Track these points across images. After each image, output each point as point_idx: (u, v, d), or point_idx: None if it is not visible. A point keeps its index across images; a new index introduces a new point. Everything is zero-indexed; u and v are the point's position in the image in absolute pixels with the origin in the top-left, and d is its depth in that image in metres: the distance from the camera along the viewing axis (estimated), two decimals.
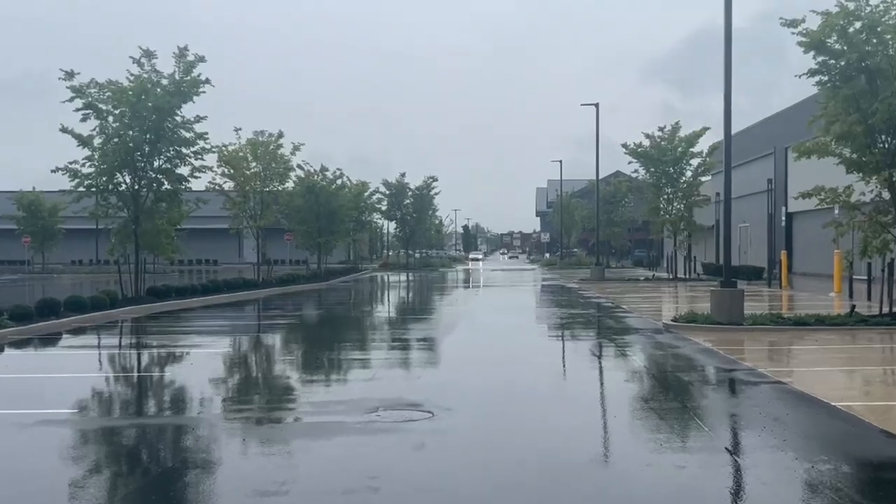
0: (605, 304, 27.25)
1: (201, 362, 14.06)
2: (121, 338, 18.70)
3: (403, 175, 67.41)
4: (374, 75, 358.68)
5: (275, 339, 18.13)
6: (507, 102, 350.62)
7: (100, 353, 16.10)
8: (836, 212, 23.10)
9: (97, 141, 26.25)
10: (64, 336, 18.31)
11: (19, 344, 16.92)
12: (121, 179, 26.66)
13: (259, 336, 19.05)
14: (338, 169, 49.52)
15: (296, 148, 40.12)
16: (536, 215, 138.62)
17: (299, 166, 46.04)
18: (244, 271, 46.44)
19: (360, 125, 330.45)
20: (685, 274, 44.91)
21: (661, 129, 43.38)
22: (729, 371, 12.66)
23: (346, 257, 70.92)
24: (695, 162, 42.96)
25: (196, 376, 12.46)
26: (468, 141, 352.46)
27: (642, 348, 15.53)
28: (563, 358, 15.22)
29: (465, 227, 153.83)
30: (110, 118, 26.33)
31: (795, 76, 18.88)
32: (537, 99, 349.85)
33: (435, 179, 68.29)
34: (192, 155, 27.46)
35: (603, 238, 65.54)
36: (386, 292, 39.39)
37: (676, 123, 43.58)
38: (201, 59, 27.30)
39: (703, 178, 44.29)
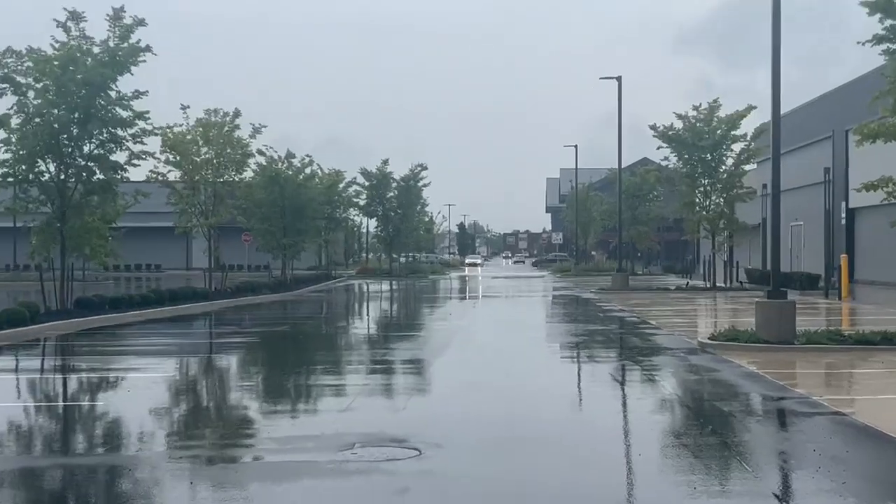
0: (628, 318, 27.50)
1: (141, 389, 14.11)
2: (43, 359, 18.79)
3: (386, 163, 67.76)
4: (353, 46, 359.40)
5: (230, 362, 18.21)
6: (512, 78, 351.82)
7: (17, 379, 16.11)
8: None
9: (15, 121, 26.21)
10: None
11: None
12: (44, 167, 26.67)
13: (211, 357, 19.10)
14: (307, 156, 50.40)
15: (256, 130, 40.71)
16: (547, 211, 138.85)
17: (260, 152, 46.69)
18: (193, 279, 46.67)
19: (337, 105, 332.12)
20: (725, 282, 45.12)
21: (696, 109, 43.65)
22: (777, 399, 12.77)
23: (316, 262, 71.33)
24: (737, 147, 43.42)
25: (135, 406, 12.49)
26: (465, 125, 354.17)
27: (673, 372, 15.67)
28: (578, 384, 15.37)
29: (461, 226, 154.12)
30: (31, 94, 26.31)
31: (857, 44, 18.99)
32: (548, 75, 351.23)
33: (424, 168, 68.63)
34: (130, 138, 27.48)
35: (626, 239, 65.26)
36: (365, 304, 39.61)
37: (715, 101, 43.61)
38: (141, 23, 27.32)
39: (747, 167, 44.52)
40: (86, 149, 26.85)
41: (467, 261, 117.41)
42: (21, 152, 26.07)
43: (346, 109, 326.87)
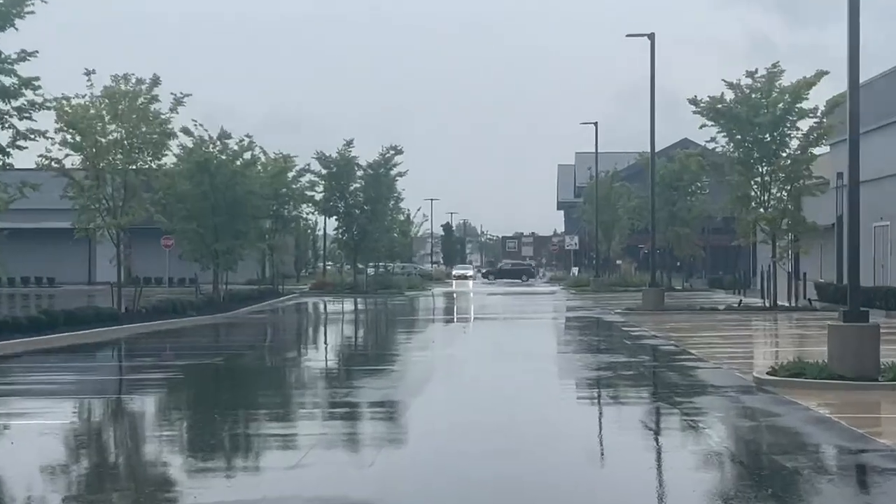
0: (664, 347, 27.70)
1: (29, 441, 14.05)
2: None
3: (349, 144, 67.50)
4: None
5: (146, 404, 18.18)
6: (513, 43, 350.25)
7: None
8: None
9: None
10: None
11: None
12: None
13: (121, 399, 19.04)
14: (246, 136, 50.27)
15: (178, 101, 40.66)
16: (558, 208, 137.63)
17: (185, 130, 46.58)
18: (98, 296, 46.31)
19: (292, 73, 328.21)
20: (789, 300, 45.25)
21: (751, 75, 43.71)
22: (856, 453, 12.84)
23: (258, 274, 71.44)
24: (804, 125, 43.41)
25: (20, 463, 12.41)
26: (453, 99, 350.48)
27: (722, 417, 15.79)
28: (600, 433, 15.50)
29: (447, 227, 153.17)
30: None
31: None
32: (559, 37, 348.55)
33: (398, 152, 68.25)
34: (15, 112, 27.34)
35: (661, 244, 64.20)
36: (322, 329, 39.66)
37: (775, 66, 43.70)
38: None
39: (818, 150, 44.73)
40: None
41: (455, 272, 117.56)
42: None
43: (302, 78, 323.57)
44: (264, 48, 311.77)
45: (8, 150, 27.63)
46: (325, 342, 34.17)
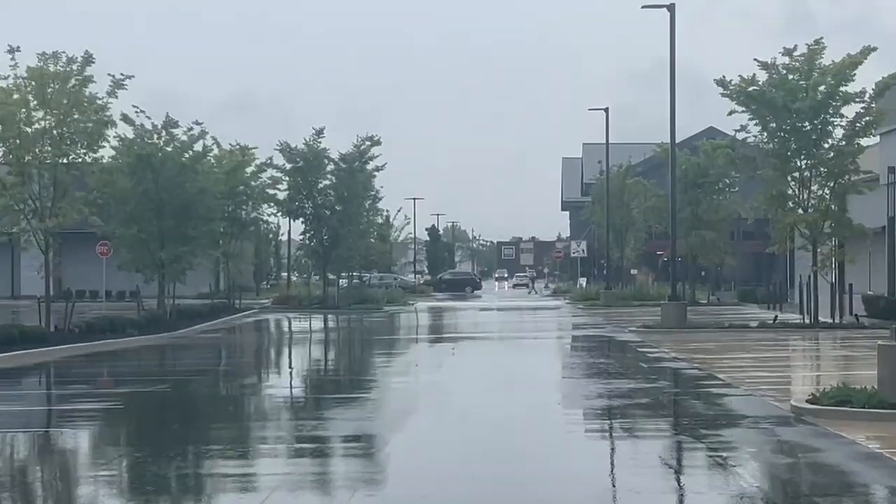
0: (686, 371, 27.90)
1: None
2: None
3: (319, 134, 67.25)
4: None
5: (79, 440, 18.14)
6: (510, 13, 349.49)
7: None
8: None
9: None
10: None
11: None
12: None
13: (49, 434, 18.97)
14: (196, 123, 49.90)
15: (117, 84, 40.47)
16: (563, 208, 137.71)
17: (126, 118, 46.35)
18: (23, 312, 46.31)
19: (254, 52, 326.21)
20: (833, 316, 44.73)
21: (788, 53, 43.57)
22: None
23: (212, 287, 70.97)
24: (850, 112, 43.04)
25: None
26: (441, 83, 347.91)
27: (755, 453, 15.82)
28: (612, 472, 15.50)
29: (433, 231, 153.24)
30: None
31: None
32: (564, 12, 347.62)
33: (376, 143, 68.24)
34: None
35: (684, 250, 63.72)
36: (287, 351, 39.52)
37: (816, 42, 43.43)
38: None
39: (866, 141, 44.44)
40: None
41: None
42: None
43: (265, 60, 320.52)
44: (224, 22, 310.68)
45: None
46: (290, 366, 34.26)
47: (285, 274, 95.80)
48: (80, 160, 39.93)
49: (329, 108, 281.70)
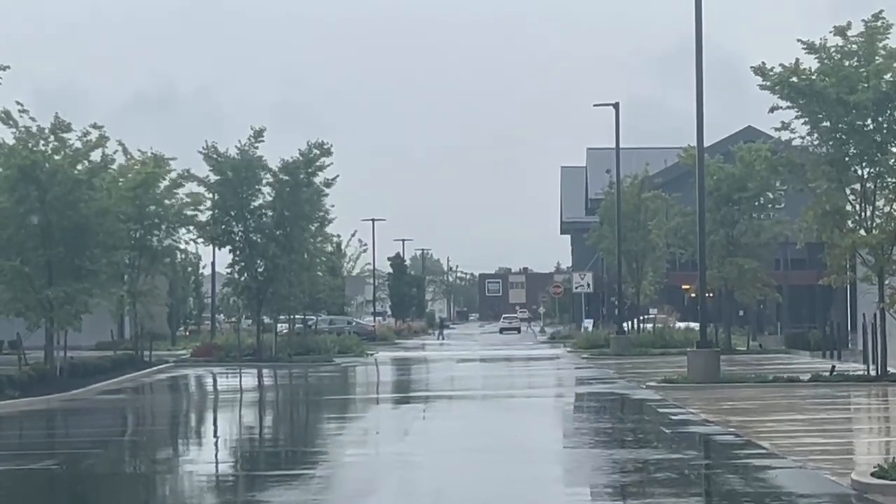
0: (719, 437, 27.92)
1: None
2: None
3: (258, 136, 62.91)
4: None
5: None
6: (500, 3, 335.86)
7: None
8: None
9: None
10: None
11: None
12: None
13: None
14: (94, 127, 47.63)
15: None
16: (563, 231, 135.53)
17: (4, 118, 45.57)
18: None
19: (174, 36, 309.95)
20: None
21: (841, 33, 42.18)
22: None
23: (115, 334, 70.79)
24: None
25: None
26: (404, 79, 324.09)
27: None
28: None
29: (398, 260, 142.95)
30: None
31: None
32: None
33: (326, 151, 64.72)
34: None
35: (717, 283, 63.04)
36: (211, 417, 39.29)
37: (877, 17, 41.85)
38: None
39: None
40: None
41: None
42: None
43: (194, 50, 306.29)
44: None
45: None
46: (216, 435, 33.80)
47: (208, 317, 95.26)
48: None
49: (268, 110, 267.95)
